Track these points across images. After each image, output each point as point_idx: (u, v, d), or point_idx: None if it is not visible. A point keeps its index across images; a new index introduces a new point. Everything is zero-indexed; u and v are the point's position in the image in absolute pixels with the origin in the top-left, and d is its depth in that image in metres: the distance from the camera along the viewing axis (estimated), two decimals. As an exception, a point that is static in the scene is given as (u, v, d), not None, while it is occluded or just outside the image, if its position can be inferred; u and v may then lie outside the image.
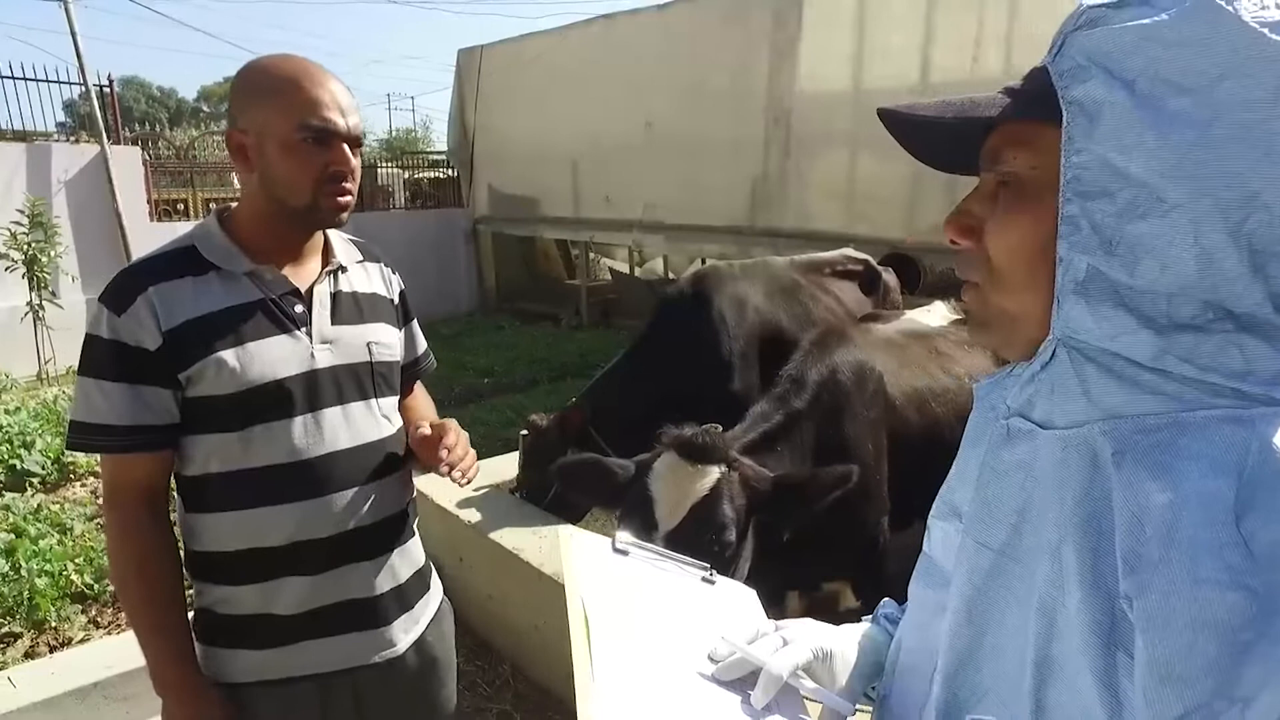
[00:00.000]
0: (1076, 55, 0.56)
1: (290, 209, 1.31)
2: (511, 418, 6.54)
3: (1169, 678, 0.49)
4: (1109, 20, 0.55)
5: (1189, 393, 0.55)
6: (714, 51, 8.51)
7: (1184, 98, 0.52)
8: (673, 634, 0.83)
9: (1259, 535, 0.48)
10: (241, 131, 1.29)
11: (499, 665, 2.97)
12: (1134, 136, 0.53)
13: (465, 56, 11.85)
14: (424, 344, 1.68)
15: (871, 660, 0.85)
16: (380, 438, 1.42)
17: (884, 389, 2.35)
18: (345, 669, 1.39)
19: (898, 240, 6.82)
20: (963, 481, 0.74)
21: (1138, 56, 0.53)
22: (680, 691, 0.75)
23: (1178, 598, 0.49)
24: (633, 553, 0.94)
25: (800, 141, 7.98)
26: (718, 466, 1.75)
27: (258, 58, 1.33)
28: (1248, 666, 0.47)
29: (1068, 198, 0.56)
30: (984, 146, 0.65)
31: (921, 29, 6.94)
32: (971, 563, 0.68)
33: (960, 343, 2.91)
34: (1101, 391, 0.58)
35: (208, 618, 1.36)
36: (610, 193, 10.05)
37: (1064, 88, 0.57)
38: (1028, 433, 0.65)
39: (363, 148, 1.38)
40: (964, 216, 0.66)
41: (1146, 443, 0.56)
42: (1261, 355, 0.53)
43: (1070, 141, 0.56)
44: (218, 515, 1.31)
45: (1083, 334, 0.58)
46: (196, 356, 1.25)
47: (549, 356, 8.82)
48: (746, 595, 0.99)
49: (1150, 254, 0.53)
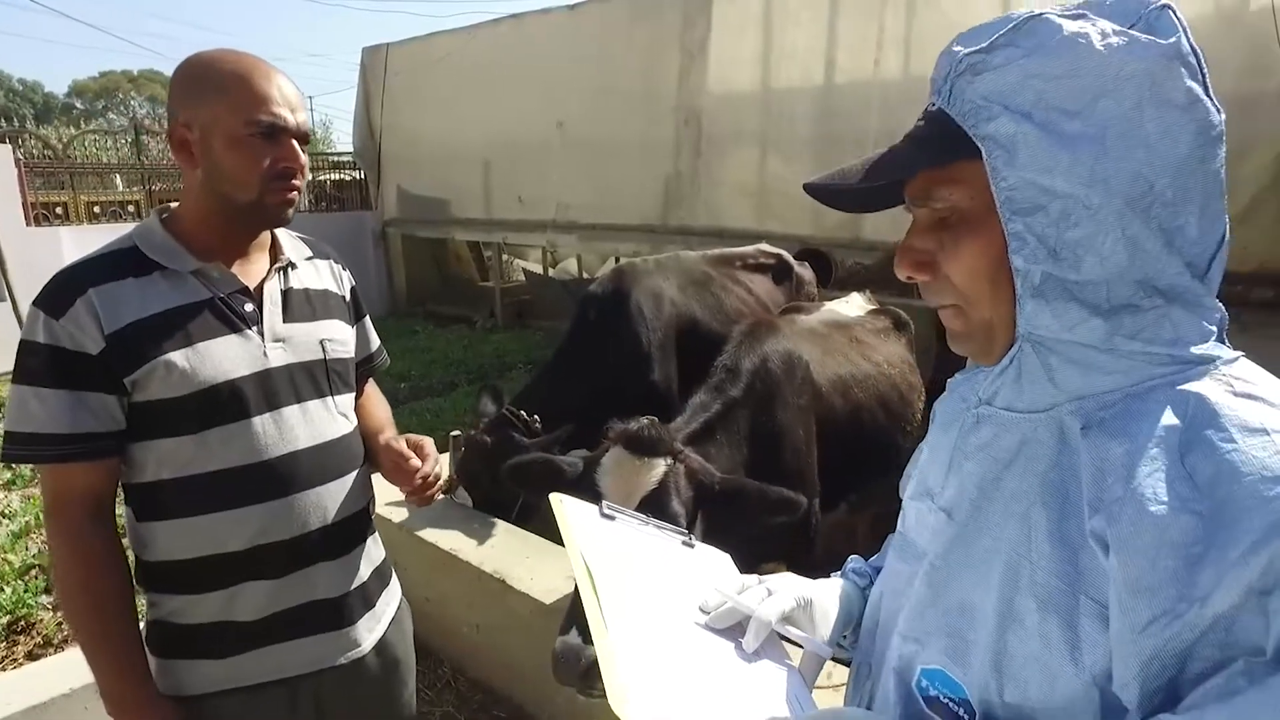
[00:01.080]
0: (973, 97, 0.65)
1: (236, 205, 1.29)
2: (431, 422, 6.44)
3: (1139, 590, 0.59)
4: (988, 64, 0.65)
5: (1138, 366, 0.66)
6: (625, 52, 8.59)
7: (1075, 120, 0.63)
8: (664, 589, 0.90)
9: (1200, 468, 0.59)
10: (185, 126, 1.26)
11: (439, 667, 2.95)
12: (1050, 159, 0.63)
13: (370, 55, 11.53)
14: (377, 340, 1.68)
15: (845, 610, 0.93)
16: (340, 435, 1.42)
17: (811, 376, 2.46)
18: (310, 672, 1.38)
19: (808, 236, 7.06)
20: (935, 464, 0.83)
21: (1026, 92, 0.64)
22: (680, 638, 0.82)
23: (1142, 522, 0.59)
24: (619, 517, 1.00)
25: (711, 141, 8.15)
26: (664, 459, 1.79)
27: (201, 51, 1.31)
28: (1201, 572, 0.57)
29: (1008, 217, 0.65)
30: (909, 188, 0.73)
31: (825, 32, 7.21)
32: (940, 534, 0.77)
33: (876, 331, 3.08)
34: (1065, 377, 0.68)
35: (162, 630, 1.33)
36: (523, 193, 9.99)
37: (972, 127, 0.66)
38: (993, 417, 0.74)
39: (310, 144, 1.37)
40: (914, 254, 0.74)
41: (1107, 414, 0.66)
42: (1186, 322, 0.66)
43: (995, 171, 0.65)
44: (173, 522, 1.28)
45: (1043, 329, 0.67)
46: (143, 359, 1.22)
47: (466, 359, 8.71)
48: (722, 558, 1.07)
49: (1089, 251, 0.63)
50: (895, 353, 2.95)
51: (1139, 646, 0.59)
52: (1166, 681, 0.59)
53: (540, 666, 1.92)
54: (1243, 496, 0.57)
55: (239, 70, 1.26)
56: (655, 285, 3.61)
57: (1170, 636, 0.58)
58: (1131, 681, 0.60)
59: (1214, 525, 0.57)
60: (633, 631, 0.77)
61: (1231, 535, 0.56)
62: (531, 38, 9.57)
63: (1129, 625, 0.59)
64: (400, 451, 1.47)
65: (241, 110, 1.24)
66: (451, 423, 5.85)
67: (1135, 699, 0.60)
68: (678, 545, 1.03)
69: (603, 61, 8.79)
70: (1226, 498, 0.58)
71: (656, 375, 3.43)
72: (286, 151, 1.29)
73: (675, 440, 1.87)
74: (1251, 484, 0.57)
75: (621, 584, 0.85)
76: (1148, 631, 0.58)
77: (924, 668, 0.75)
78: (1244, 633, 0.56)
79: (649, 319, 3.48)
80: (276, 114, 1.26)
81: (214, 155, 1.25)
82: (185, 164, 1.29)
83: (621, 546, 0.94)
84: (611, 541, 0.94)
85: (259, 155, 1.26)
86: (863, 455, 2.68)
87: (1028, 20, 0.65)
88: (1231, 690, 0.55)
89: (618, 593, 0.82)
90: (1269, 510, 0.56)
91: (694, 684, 0.76)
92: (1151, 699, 0.59)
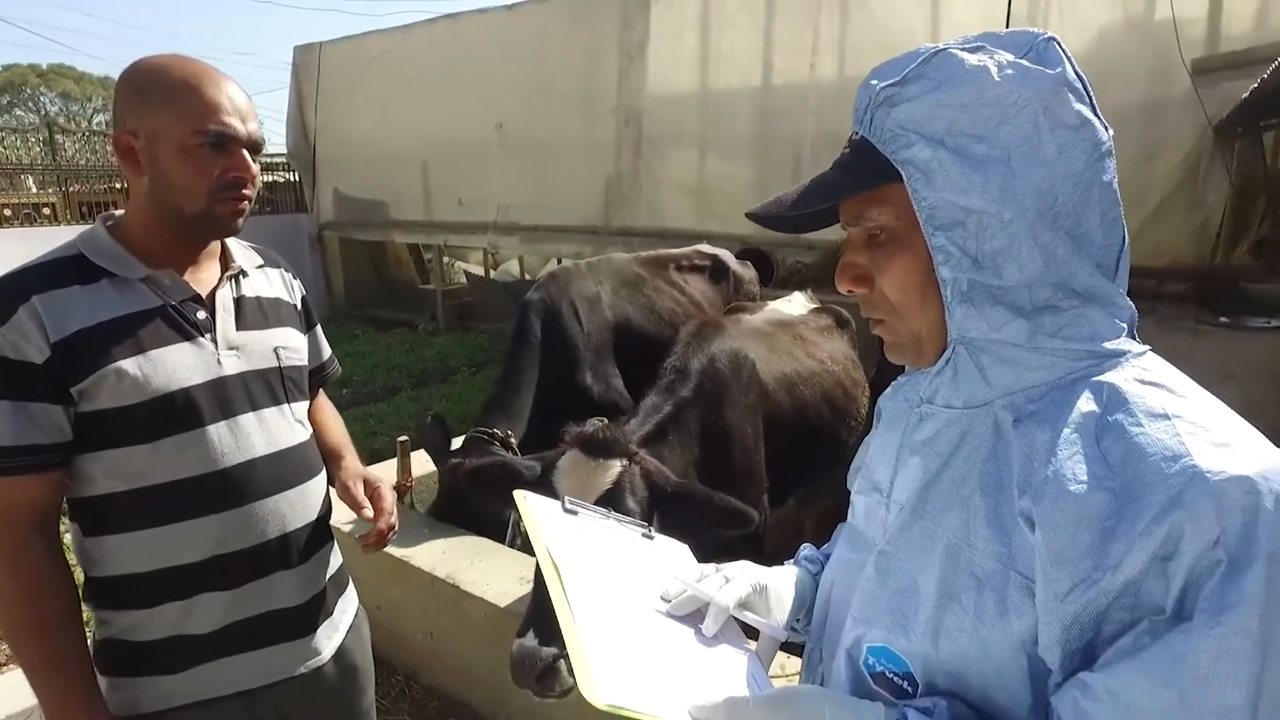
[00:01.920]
0: (892, 126, 0.73)
1: (183, 215, 1.27)
2: (375, 427, 6.36)
3: (1060, 562, 0.66)
4: (902, 96, 0.73)
5: (1060, 361, 0.73)
6: (563, 53, 8.59)
7: (982, 144, 0.70)
8: (626, 579, 0.94)
9: (1112, 450, 0.67)
10: (130, 133, 1.24)
11: (392, 676, 2.92)
12: (964, 180, 0.70)
13: (303, 54, 11.27)
14: (328, 349, 1.67)
15: (798, 595, 1.00)
16: (297, 443, 1.41)
17: (758, 375, 2.52)
18: (269, 684, 1.37)
19: (749, 235, 7.18)
20: (883, 460, 0.89)
21: (939, 120, 0.71)
22: (643, 625, 0.86)
23: (1063, 501, 0.66)
24: (581, 512, 1.04)
25: (651, 142, 8.21)
26: (619, 461, 1.81)
27: (148, 57, 1.28)
28: (1114, 543, 0.63)
29: (931, 233, 0.73)
30: (843, 210, 0.80)
31: (761, 35, 7.34)
32: (887, 524, 0.84)
33: (819, 329, 3.16)
34: (996, 374, 0.75)
35: (114, 647, 1.30)
36: (463, 195, 9.91)
37: (892, 153, 0.73)
38: (934, 415, 0.81)
39: (261, 154, 1.36)
40: (852, 269, 0.80)
41: (1035, 407, 0.74)
42: (1100, 320, 0.74)
43: (916, 193, 0.72)
44: (125, 536, 1.26)
45: (973, 332, 0.74)
46: (92, 368, 1.19)
47: (408, 363, 8.60)
48: (681, 549, 1.12)
49: (1009, 259, 0.71)
50: (838, 350, 3.04)
51: (1061, 613, 0.65)
52: (1085, 644, 0.65)
53: (497, 670, 1.93)
54: (1147, 474, 0.64)
55: (188, 77, 1.24)
56: (588, 288, 3.63)
57: (1087, 601, 0.64)
58: (1054, 645, 0.66)
59: (1124, 500, 0.64)
60: (598, 620, 0.81)
61: (1139, 508, 0.63)
62: (469, 38, 9.50)
63: (1052, 594, 0.66)
64: (356, 501, 1.48)
65: (190, 119, 1.22)
66: (395, 428, 5.79)
67: (1058, 660, 0.66)
68: (638, 537, 1.07)
69: (541, 62, 8.78)
70: (1134, 475, 0.64)
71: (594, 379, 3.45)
72: (237, 161, 1.27)
73: (630, 442, 1.90)
74: (1155, 463, 0.64)
75: (586, 576, 0.88)
76: (1069, 598, 0.65)
77: (870, 645, 0.81)
78: (1149, 595, 0.62)
79: (584, 321, 3.50)
80: (226, 123, 1.25)
81: (161, 164, 1.23)
82: (131, 172, 1.26)
83: (585, 540, 0.98)
84: (575, 535, 0.97)
85: (208, 165, 1.24)
86: (809, 451, 2.75)
87: (934, 55, 0.72)
88: (1138, 647, 0.62)
89: (583, 584, 0.86)
90: (1169, 485, 0.62)
91: (657, 667, 0.80)
92: (1072, 659, 0.66)
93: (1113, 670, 0.63)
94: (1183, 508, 0.61)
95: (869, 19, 6.70)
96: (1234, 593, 0.59)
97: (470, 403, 6.97)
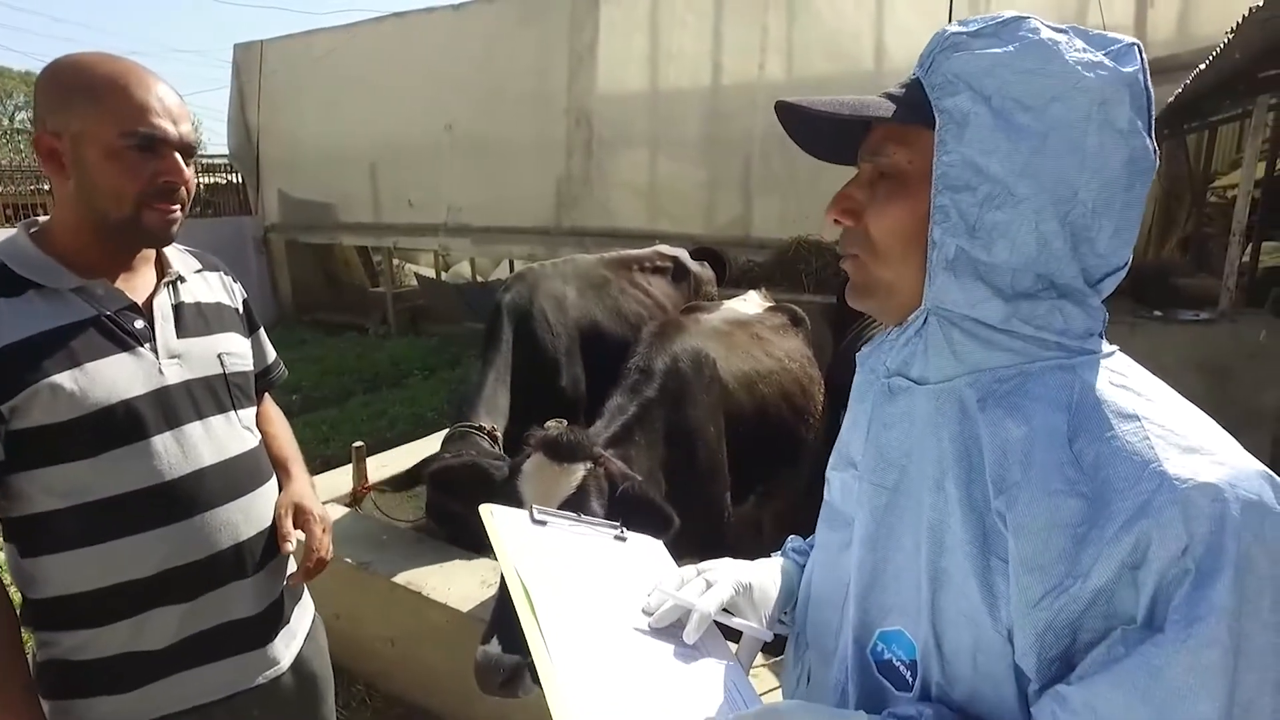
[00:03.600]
0: (946, 72, 0.71)
1: (111, 222, 1.21)
2: (327, 433, 6.22)
3: (1033, 568, 0.65)
4: (969, 46, 0.71)
5: (1030, 348, 0.73)
6: (513, 53, 8.53)
7: (1027, 114, 0.69)
8: (600, 592, 0.91)
9: (1085, 453, 0.66)
10: (53, 135, 1.18)
11: (352, 685, 2.86)
12: (992, 142, 0.69)
13: (244, 52, 10.98)
14: (273, 352, 1.62)
15: (785, 588, 0.97)
16: (246, 450, 1.37)
17: (718, 374, 2.54)
18: (226, 696, 1.33)
19: (699, 235, 7.23)
20: (855, 434, 0.87)
21: (993, 78, 0.69)
22: (619, 644, 0.83)
23: (1036, 506, 0.66)
24: (550, 522, 1.01)
25: (602, 142, 8.22)
26: (583, 464, 1.80)
27: (70, 54, 1.22)
28: (1085, 550, 0.63)
29: (939, 189, 0.71)
30: (866, 140, 0.79)
31: (710, 35, 7.41)
32: (870, 502, 0.81)
33: (775, 328, 3.20)
34: (966, 351, 0.74)
35: (59, 669, 1.24)
36: (412, 196, 9.78)
37: (936, 99, 0.71)
38: (906, 389, 0.79)
39: (195, 158, 1.31)
40: (847, 200, 0.79)
41: (1002, 389, 0.73)
42: (1074, 316, 0.73)
43: (942, 144, 0.71)
44: (68, 554, 1.20)
45: (949, 303, 0.73)
46: (22, 384, 1.13)
47: (360, 367, 8.42)
48: (655, 547, 1.10)
49: (1003, 237, 0.70)
50: (795, 347, 3.08)
51: (1033, 619, 0.64)
52: (1061, 652, 0.64)
53: (460, 676, 1.91)
54: (1116, 479, 0.63)
55: (114, 76, 1.18)
56: (555, 289, 3.63)
57: (1059, 609, 0.63)
58: (1029, 651, 0.65)
59: (1096, 506, 0.63)
60: (572, 647, 0.78)
61: (1108, 514, 0.62)
62: (416, 37, 9.38)
63: (1024, 600, 0.65)
64: (282, 534, 1.40)
65: (116, 120, 1.17)
66: (349, 434, 5.67)
67: (1034, 667, 0.65)
68: (610, 541, 1.05)
69: (491, 62, 8.71)
70: (1105, 480, 0.63)
71: (564, 379, 3.45)
72: (167, 165, 1.22)
73: (595, 444, 1.90)
74: (1125, 468, 0.63)
75: (557, 595, 0.85)
76: (1040, 605, 0.64)
77: (882, 630, 0.79)
78: (1121, 604, 0.62)
79: (553, 323, 3.50)
80: (155, 125, 1.19)
81: (86, 168, 1.18)
82: (55, 175, 1.20)
83: (555, 555, 0.95)
84: (544, 549, 0.95)
85: (136, 169, 1.19)
86: (769, 448, 2.77)
87: (1016, 19, 0.71)
88: (1113, 658, 0.61)
89: (554, 607, 0.83)
90: (1137, 493, 0.61)
91: (635, 691, 0.78)
92: (1049, 668, 0.65)
93: (1089, 684, 0.62)
94: (1149, 516, 0.60)
95: (815, 20, 6.81)
96: (1203, 603, 0.58)
97: (424, 407, 6.87)
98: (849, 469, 0.88)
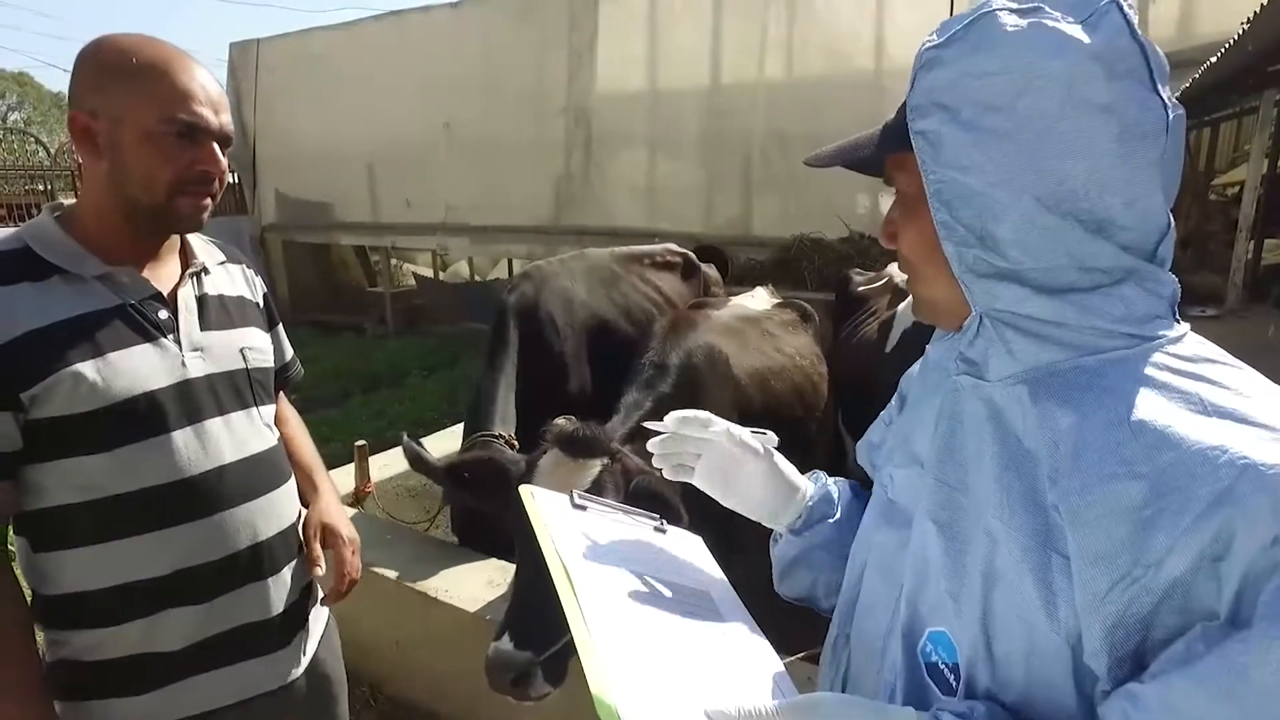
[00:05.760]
0: (919, 94, 0.71)
1: (142, 207, 1.19)
2: (327, 434, 6.17)
3: (1095, 560, 0.62)
4: (940, 61, 0.70)
5: (1087, 339, 0.70)
6: (511, 52, 8.50)
7: (996, 114, 0.67)
8: (640, 574, 0.90)
9: (1145, 429, 0.63)
10: (90, 114, 1.15)
11: (357, 687, 2.82)
12: (967, 158, 0.68)
13: (239, 51, 10.91)
14: (290, 350, 1.59)
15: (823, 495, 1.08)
16: (266, 448, 1.34)
17: (731, 370, 2.51)
18: (241, 700, 1.30)
19: (699, 234, 7.20)
20: (920, 431, 0.86)
21: (958, 90, 0.69)
22: (657, 625, 0.83)
23: (1091, 494, 0.63)
24: (590, 507, 1.00)
25: (601, 141, 8.18)
26: (599, 460, 1.77)
27: (113, 35, 1.20)
28: (1154, 537, 0.60)
29: (936, 207, 0.71)
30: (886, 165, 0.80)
31: (710, 34, 7.38)
32: (933, 498, 0.79)
33: (784, 324, 3.17)
34: (1021, 348, 0.72)
35: (71, 670, 1.21)
36: (410, 196, 9.73)
37: (911, 122, 0.71)
38: (972, 387, 0.78)
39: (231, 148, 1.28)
40: (887, 225, 0.81)
41: (1055, 382, 0.70)
42: (1135, 300, 0.70)
43: (924, 165, 0.71)
44: (83, 550, 1.17)
45: (998, 305, 0.71)
46: (44, 372, 1.11)
47: (358, 368, 8.38)
48: (695, 542, 1.08)
49: (1011, 246, 0.69)
50: (804, 344, 3.05)
51: (1102, 614, 0.61)
52: (1133, 649, 0.61)
53: (467, 677, 1.88)
54: (1189, 463, 0.59)
55: (159, 61, 1.16)
56: (564, 286, 3.59)
57: (1129, 600, 0.60)
58: (1099, 650, 0.62)
59: (1160, 487, 0.60)
60: (611, 623, 0.78)
61: (1184, 501, 0.58)
62: (414, 36, 9.34)
63: (1090, 595, 0.62)
64: (311, 558, 1.40)
65: (159, 105, 1.14)
66: (349, 435, 5.62)
67: (1105, 667, 0.62)
68: (650, 531, 1.04)
69: (489, 61, 8.67)
70: (1171, 463, 0.60)
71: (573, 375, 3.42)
72: (205, 153, 1.20)
73: (613, 440, 1.87)
74: (1197, 452, 0.59)
75: (597, 575, 0.85)
76: (1108, 598, 0.61)
77: (931, 630, 0.77)
78: (1199, 598, 0.58)
79: (561, 322, 3.46)
80: (197, 113, 1.17)
81: (122, 151, 1.15)
82: (87, 156, 1.17)
83: (595, 536, 0.94)
84: (584, 532, 0.94)
85: (173, 156, 1.17)
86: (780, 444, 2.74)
87: (980, 16, 0.69)
88: (1192, 656, 0.58)
89: (594, 585, 0.82)
90: (1216, 478, 0.58)
91: (675, 671, 0.77)
92: (1120, 666, 0.62)
93: (1165, 681, 0.58)
94: (1234, 504, 0.57)
95: (815, 19, 6.79)
96: None
97: (423, 406, 6.83)
98: (914, 465, 0.86)
